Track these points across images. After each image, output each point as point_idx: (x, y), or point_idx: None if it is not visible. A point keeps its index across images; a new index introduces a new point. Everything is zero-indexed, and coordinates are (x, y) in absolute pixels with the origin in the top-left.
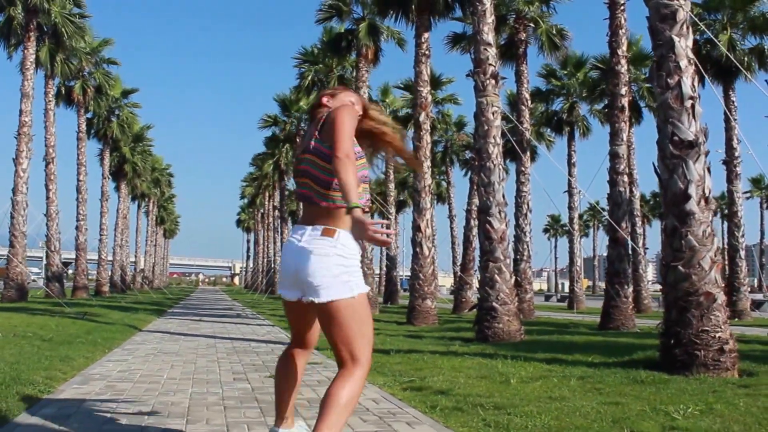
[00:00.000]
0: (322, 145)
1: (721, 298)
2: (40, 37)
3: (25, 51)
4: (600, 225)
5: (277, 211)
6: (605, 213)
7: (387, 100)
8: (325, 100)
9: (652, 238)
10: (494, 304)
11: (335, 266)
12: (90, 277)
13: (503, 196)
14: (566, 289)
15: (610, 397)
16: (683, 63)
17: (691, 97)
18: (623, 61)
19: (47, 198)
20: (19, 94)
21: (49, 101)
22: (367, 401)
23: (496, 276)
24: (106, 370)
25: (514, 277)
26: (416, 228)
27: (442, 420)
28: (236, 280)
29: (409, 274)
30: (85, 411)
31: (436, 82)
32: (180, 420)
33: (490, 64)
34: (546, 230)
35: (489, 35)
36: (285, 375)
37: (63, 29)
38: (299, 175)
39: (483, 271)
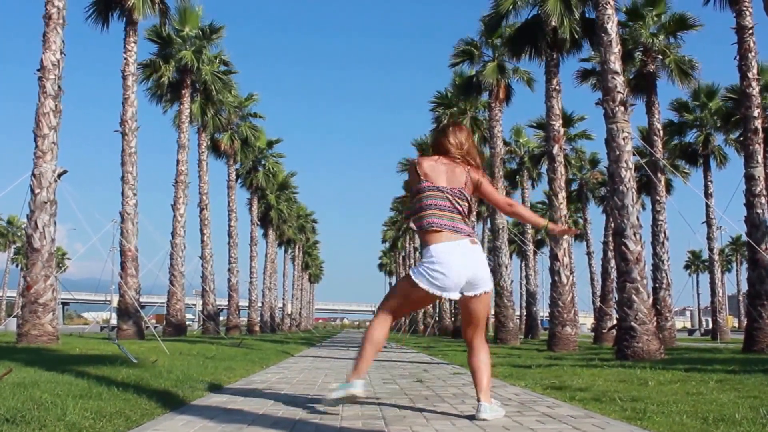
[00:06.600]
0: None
1: None
2: (193, 93)
3: (181, 106)
4: (743, 260)
5: (418, 253)
6: (743, 234)
7: (520, 140)
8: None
9: None
10: (632, 323)
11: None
12: (240, 319)
13: (637, 219)
14: (710, 326)
15: (748, 393)
16: None
17: None
18: (754, 84)
19: (202, 242)
20: (176, 146)
21: (202, 152)
22: (509, 394)
23: (633, 296)
24: (265, 378)
25: (651, 297)
26: (554, 257)
27: (580, 406)
28: None
29: (548, 315)
30: (252, 398)
31: (567, 119)
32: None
33: (618, 92)
34: (687, 266)
35: (616, 64)
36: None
37: (212, 86)
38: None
39: (620, 292)
